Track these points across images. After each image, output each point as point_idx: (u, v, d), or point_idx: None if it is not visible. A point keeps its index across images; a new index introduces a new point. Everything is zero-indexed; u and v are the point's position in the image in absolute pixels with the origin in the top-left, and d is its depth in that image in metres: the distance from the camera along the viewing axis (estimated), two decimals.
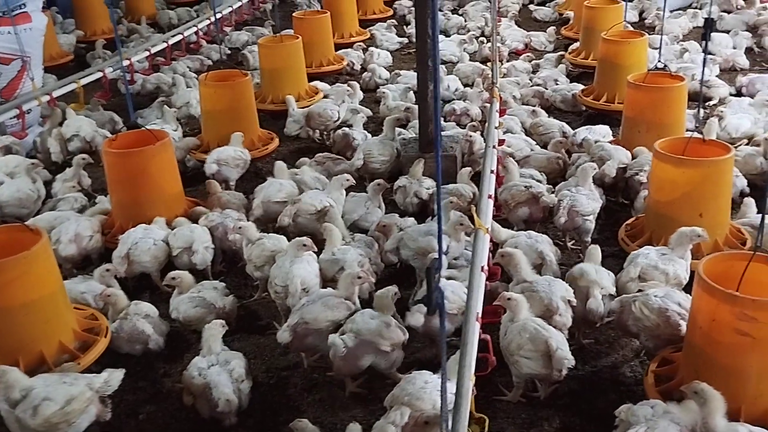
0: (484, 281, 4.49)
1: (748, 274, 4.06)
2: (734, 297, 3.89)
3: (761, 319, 3.81)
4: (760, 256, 4.10)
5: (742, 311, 3.83)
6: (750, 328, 3.83)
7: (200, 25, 12.10)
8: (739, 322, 3.85)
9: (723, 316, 3.92)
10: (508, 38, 11.94)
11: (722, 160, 5.45)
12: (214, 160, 7.15)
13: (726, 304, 3.89)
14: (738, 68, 10.30)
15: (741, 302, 3.85)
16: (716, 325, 3.97)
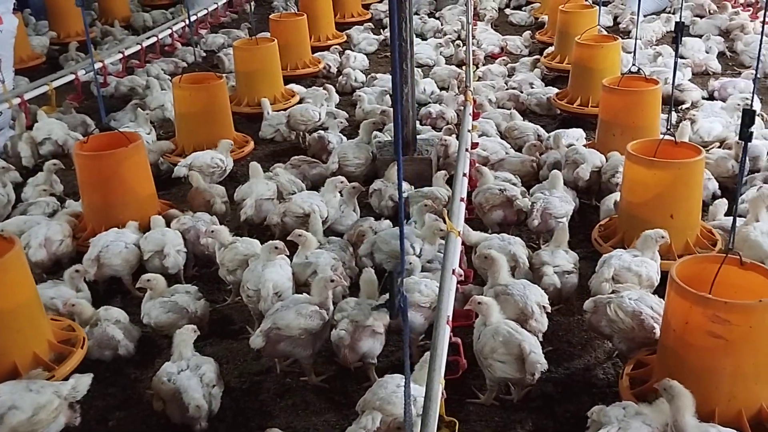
0: (455, 284, 4.48)
1: (720, 277, 4.09)
2: (707, 299, 3.91)
3: (734, 322, 3.84)
4: (732, 258, 4.13)
5: (715, 314, 3.85)
6: (723, 330, 3.85)
7: (175, 27, 12.01)
8: (712, 324, 3.87)
9: (696, 319, 3.94)
10: (484, 42, 11.99)
11: (693, 162, 5.49)
12: (185, 164, 7.10)
13: (699, 307, 3.91)
14: (710, 72, 10.42)
15: (714, 305, 3.87)
16: (689, 328, 3.99)
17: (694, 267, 4.20)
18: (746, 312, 3.86)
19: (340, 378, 4.85)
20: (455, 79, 10.07)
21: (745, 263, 4.09)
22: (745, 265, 4.10)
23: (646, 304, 4.55)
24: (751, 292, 4.04)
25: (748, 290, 4.07)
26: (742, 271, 4.11)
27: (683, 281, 3.99)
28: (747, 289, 4.08)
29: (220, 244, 5.60)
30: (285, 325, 4.52)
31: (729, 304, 3.86)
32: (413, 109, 7.37)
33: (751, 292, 4.03)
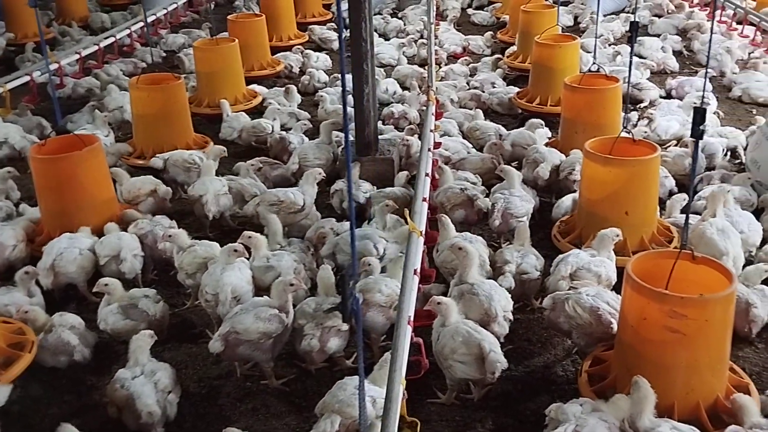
0: (416, 284, 4.47)
1: (676, 272, 4.15)
2: (664, 295, 3.95)
3: (691, 316, 3.89)
4: (686, 253, 4.18)
5: (672, 309, 3.90)
6: (679, 325, 3.90)
7: (134, 27, 11.83)
8: (668, 319, 3.92)
9: (653, 314, 3.98)
10: (446, 42, 12.02)
11: (648, 160, 5.56)
12: (162, 157, 7.13)
13: (656, 303, 3.96)
14: (668, 71, 10.57)
15: (670, 300, 3.92)
16: (646, 323, 4.03)
17: (649, 263, 4.25)
18: (702, 306, 3.91)
19: (300, 380, 4.82)
20: (417, 79, 10.07)
21: (697, 258, 4.15)
22: (697, 260, 4.15)
23: (603, 300, 4.59)
24: (703, 287, 4.09)
25: (701, 285, 4.12)
26: (694, 266, 4.16)
27: (639, 277, 4.03)
28: (700, 283, 4.13)
29: (178, 247, 5.52)
30: (244, 329, 4.47)
31: (685, 299, 3.91)
32: (375, 109, 7.35)
33: (704, 287, 4.09)
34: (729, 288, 3.92)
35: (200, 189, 6.37)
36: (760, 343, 5.00)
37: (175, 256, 5.54)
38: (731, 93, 9.62)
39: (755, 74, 9.83)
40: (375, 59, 10.31)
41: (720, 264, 4.17)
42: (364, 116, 7.24)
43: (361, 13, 6.81)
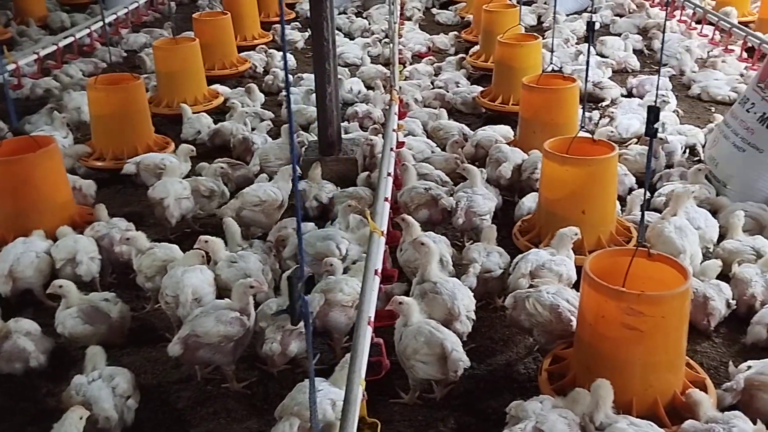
0: (377, 285, 4.45)
1: (633, 269, 4.19)
2: (620, 292, 3.99)
3: (647, 313, 3.93)
4: (642, 251, 4.23)
5: (629, 306, 3.94)
6: (637, 322, 3.94)
7: (94, 26, 11.63)
8: (625, 316, 3.96)
9: (610, 312, 4.02)
10: (410, 41, 12.02)
11: (604, 159, 5.62)
12: (135, 162, 7.02)
13: (613, 300, 3.99)
14: (629, 70, 10.69)
15: (627, 297, 3.96)
16: (604, 321, 4.06)
17: (607, 261, 4.29)
18: (658, 303, 3.96)
19: (262, 383, 4.77)
20: (382, 78, 10.06)
21: (653, 255, 4.19)
22: (653, 257, 4.20)
23: (563, 298, 4.63)
24: (660, 283, 4.15)
25: (658, 281, 4.17)
26: (651, 263, 4.21)
27: (596, 275, 4.07)
28: (657, 280, 4.18)
29: (137, 250, 5.43)
30: (204, 332, 4.42)
31: (642, 296, 3.95)
32: (337, 108, 7.32)
33: (661, 283, 4.14)
34: (684, 285, 3.97)
35: (161, 192, 6.27)
36: (717, 338, 5.08)
37: (134, 259, 5.45)
38: (690, 91, 9.76)
39: (714, 73, 9.99)
40: (338, 59, 10.33)
41: (676, 261, 4.22)
42: (326, 116, 7.21)
43: (322, 13, 6.77)
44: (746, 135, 6.67)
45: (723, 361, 4.85)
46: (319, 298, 4.72)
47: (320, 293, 4.76)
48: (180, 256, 5.42)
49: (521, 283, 4.99)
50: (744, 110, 6.82)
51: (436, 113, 8.68)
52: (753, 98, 6.78)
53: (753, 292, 5.07)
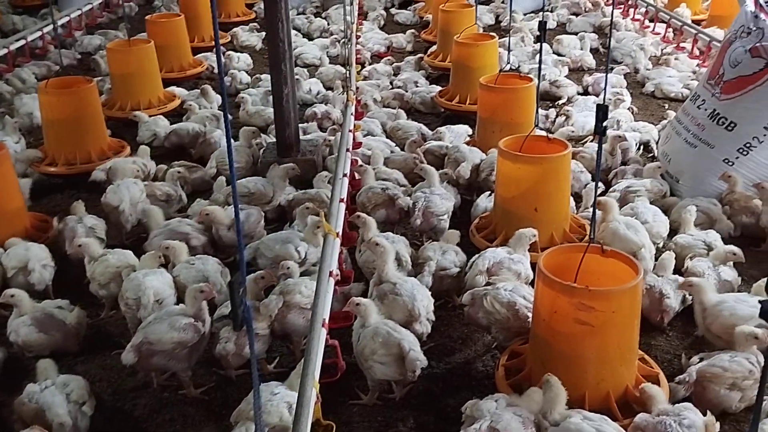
0: (332, 287, 4.44)
1: (587, 266, 4.24)
2: (572, 288, 4.04)
3: (598, 308, 3.98)
4: (595, 247, 4.29)
5: (580, 301, 3.99)
6: (588, 317, 4.00)
7: (46, 29, 11.41)
8: (578, 311, 4.01)
9: (563, 307, 4.07)
10: (369, 41, 12.02)
11: (557, 157, 5.68)
12: (103, 169, 6.90)
13: (565, 296, 4.04)
14: (585, 68, 10.82)
15: (579, 293, 4.01)
16: (557, 316, 4.11)
17: (560, 257, 4.34)
18: (609, 298, 4.01)
19: (220, 389, 4.73)
20: (341, 79, 10.05)
21: (606, 251, 4.25)
22: (606, 253, 4.26)
23: (520, 294, 4.68)
24: (614, 279, 4.21)
25: (612, 277, 4.23)
26: (604, 259, 4.27)
27: (550, 272, 4.11)
28: (610, 275, 4.25)
29: (89, 257, 5.34)
30: (157, 339, 4.36)
31: (593, 291, 4.00)
32: (295, 110, 7.29)
33: (614, 279, 4.20)
34: (635, 280, 4.03)
35: (114, 199, 6.17)
36: (671, 331, 5.17)
37: (87, 266, 5.36)
38: (644, 88, 9.93)
39: (667, 70, 10.17)
40: (297, 59, 10.28)
41: (627, 257, 4.28)
42: (284, 117, 7.18)
43: (277, 14, 6.73)
44: (697, 131, 6.81)
45: (676, 353, 4.94)
46: (277, 300, 4.69)
47: (278, 295, 4.73)
48: (135, 262, 5.35)
49: (478, 280, 5.02)
50: (695, 107, 6.96)
51: (394, 113, 8.70)
52: (703, 95, 6.92)
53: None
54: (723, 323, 4.62)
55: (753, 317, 4.46)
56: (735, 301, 4.70)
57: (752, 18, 6.59)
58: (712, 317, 4.69)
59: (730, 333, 4.45)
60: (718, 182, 6.52)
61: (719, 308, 4.68)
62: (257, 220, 6.11)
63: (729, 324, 4.54)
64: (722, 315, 4.65)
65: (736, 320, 4.53)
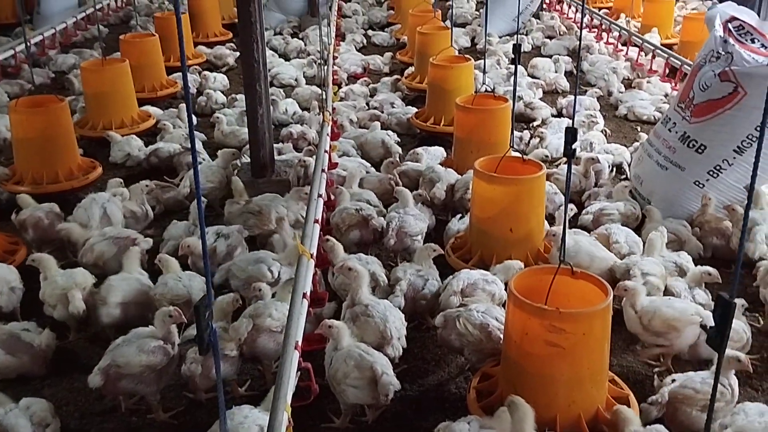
0: (306, 309, 4.41)
1: (559, 287, 4.25)
2: (542, 310, 4.04)
3: (569, 330, 3.99)
4: (564, 269, 4.30)
5: (551, 323, 3.99)
6: (559, 338, 3.99)
7: (19, 47, 11.30)
8: (548, 333, 4.01)
9: (533, 329, 4.06)
10: (346, 62, 12.07)
11: (531, 178, 5.71)
12: None
13: (536, 317, 4.04)
14: (559, 90, 10.95)
15: (549, 315, 4.01)
16: (528, 338, 4.11)
17: (531, 279, 4.34)
18: (579, 320, 4.02)
19: (190, 412, 4.66)
20: (317, 99, 10.06)
21: (576, 273, 4.27)
22: (576, 275, 4.27)
23: (492, 316, 4.67)
24: (584, 301, 4.22)
25: (582, 299, 4.25)
26: (573, 280, 4.28)
27: (521, 293, 4.11)
28: (580, 297, 4.26)
29: (43, 275, 5.27)
30: (125, 362, 4.29)
31: (564, 313, 4.00)
32: (269, 130, 7.27)
33: (584, 300, 4.22)
34: (604, 301, 4.05)
35: (82, 216, 6.10)
36: None
37: (42, 284, 5.28)
38: (617, 111, 10.06)
39: (639, 93, 10.32)
40: (271, 80, 10.28)
41: (597, 278, 4.29)
42: (258, 138, 7.17)
43: (251, 35, 6.74)
44: (669, 153, 6.89)
45: (648, 374, 4.96)
46: (247, 323, 4.64)
47: (248, 318, 4.68)
48: (84, 281, 5.28)
49: (452, 301, 5.01)
50: (666, 129, 7.05)
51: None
52: (674, 118, 7.02)
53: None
54: (663, 317, 4.77)
55: (689, 309, 4.82)
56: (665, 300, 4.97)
57: (721, 43, 6.71)
58: (650, 314, 4.82)
59: (672, 325, 4.72)
60: (689, 204, 6.60)
61: (656, 305, 4.85)
62: (238, 240, 5.97)
63: (669, 316, 4.76)
64: (661, 309, 4.80)
65: (675, 312, 4.77)
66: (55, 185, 7.21)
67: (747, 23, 6.90)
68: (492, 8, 13.49)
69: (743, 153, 6.42)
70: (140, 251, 5.58)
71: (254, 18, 6.69)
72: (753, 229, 6.04)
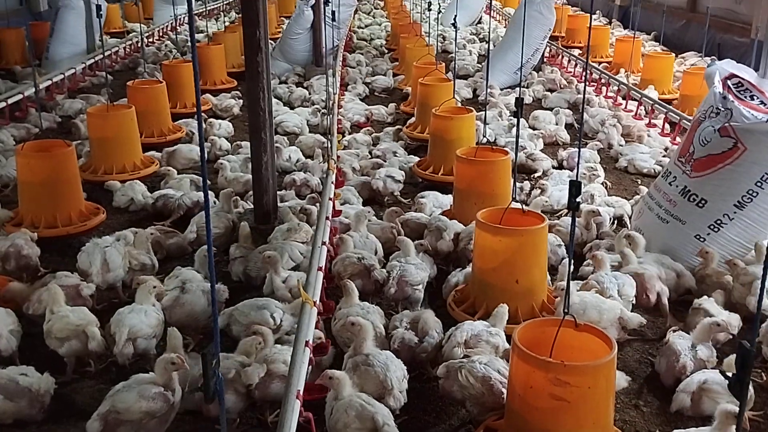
0: (308, 357, 4.38)
1: (564, 340, 4.23)
2: (547, 363, 4.01)
3: (574, 383, 3.95)
4: (569, 321, 4.28)
5: (556, 376, 3.96)
6: (563, 392, 3.96)
7: (28, 92, 11.47)
8: (552, 387, 3.97)
9: (538, 382, 4.03)
10: (350, 112, 12.23)
11: (534, 230, 5.74)
12: None
13: (540, 370, 4.01)
14: (560, 142, 11.07)
15: (554, 368, 3.98)
16: (532, 391, 4.07)
17: (535, 331, 4.33)
18: (584, 373, 3.99)
19: None
20: (320, 147, 10.17)
21: (580, 326, 4.26)
22: (580, 328, 4.26)
23: (495, 368, 4.63)
24: (588, 353, 4.20)
25: (586, 351, 4.22)
26: (577, 333, 4.27)
27: (526, 345, 4.09)
28: (584, 350, 4.23)
29: (50, 308, 5.26)
30: (125, 408, 4.24)
31: (568, 366, 3.98)
32: (273, 177, 7.34)
33: (589, 353, 4.19)
34: (609, 355, 4.03)
35: (85, 263, 6.11)
36: (645, 407, 5.14)
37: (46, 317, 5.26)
38: (618, 164, 10.15)
39: (639, 146, 10.43)
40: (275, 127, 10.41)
41: (601, 331, 4.28)
42: (262, 185, 7.22)
43: (259, 84, 6.85)
44: (669, 207, 6.93)
45: (650, 430, 4.90)
46: (261, 369, 4.61)
47: (262, 364, 4.65)
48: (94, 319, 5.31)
49: (456, 352, 4.98)
50: (667, 183, 7.11)
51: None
52: (675, 172, 7.08)
53: (683, 363, 5.16)
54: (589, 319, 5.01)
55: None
56: None
57: (720, 99, 6.82)
58: None
59: None
60: (690, 258, 6.62)
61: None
62: None
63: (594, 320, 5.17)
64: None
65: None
66: (53, 230, 7.18)
67: (746, 80, 7.02)
68: (494, 61, 13.83)
69: (744, 208, 6.48)
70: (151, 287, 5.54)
71: (261, 68, 6.81)
72: (753, 282, 6.04)
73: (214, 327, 2.26)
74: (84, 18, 15.21)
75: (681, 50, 16.68)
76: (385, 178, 8.63)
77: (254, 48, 6.74)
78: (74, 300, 5.69)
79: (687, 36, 17.76)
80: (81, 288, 5.84)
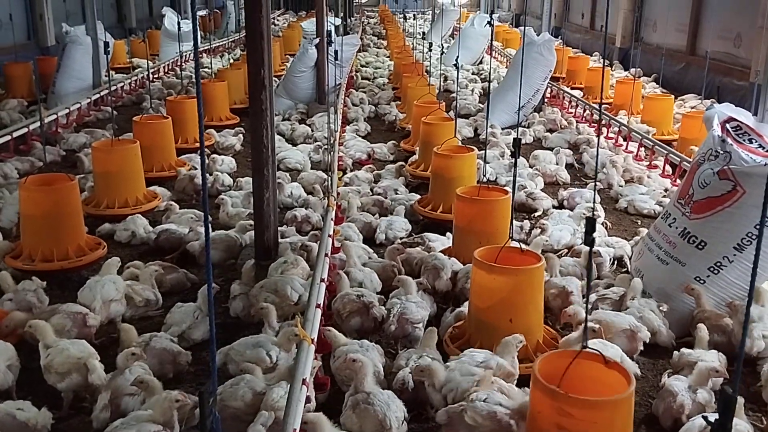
0: (305, 395, 4.36)
1: (587, 373, 4.21)
2: (554, 392, 3.94)
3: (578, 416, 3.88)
4: (586, 353, 4.25)
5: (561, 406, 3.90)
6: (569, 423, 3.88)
7: (32, 125, 11.58)
8: (559, 417, 3.91)
9: (546, 410, 3.98)
10: (351, 149, 12.33)
11: (530, 269, 5.75)
12: None
13: (547, 398, 3.97)
14: (560, 182, 11.12)
15: (559, 398, 3.92)
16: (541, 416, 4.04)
17: (556, 363, 4.25)
18: (589, 407, 3.93)
19: None
20: (322, 184, 10.23)
21: (608, 362, 4.20)
22: (609, 364, 4.21)
23: (495, 402, 4.60)
24: (611, 390, 4.13)
25: (610, 387, 4.16)
26: (607, 369, 4.20)
27: (545, 378, 4.05)
28: (609, 386, 4.17)
29: (42, 343, 5.23)
30: None
31: (572, 398, 3.94)
32: (275, 213, 7.36)
33: (611, 390, 4.12)
34: (620, 395, 3.98)
35: (87, 297, 6.12)
36: None
37: (41, 352, 5.22)
38: (618, 204, 10.18)
39: (639, 187, 10.48)
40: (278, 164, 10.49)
41: (624, 369, 4.19)
42: (263, 221, 7.24)
43: (262, 121, 6.92)
44: (669, 248, 6.94)
45: None
46: (268, 416, 4.55)
47: (269, 412, 4.60)
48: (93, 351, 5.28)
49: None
50: (666, 225, 7.12)
51: (372, 220, 8.82)
52: (674, 213, 7.10)
53: (681, 402, 5.12)
54: None
55: None
56: None
57: (719, 142, 6.87)
58: None
59: None
60: (690, 299, 6.60)
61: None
62: None
63: None
64: None
65: None
66: (47, 264, 7.16)
67: (744, 124, 7.08)
68: (495, 101, 13.98)
69: (743, 250, 6.48)
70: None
71: (265, 106, 6.88)
72: (751, 325, 6.02)
73: (211, 366, 2.26)
74: (90, 54, 15.44)
75: (681, 92, 16.85)
76: (386, 230, 8.59)
77: (258, 86, 6.83)
78: (80, 329, 5.67)
79: (687, 78, 17.94)
80: (88, 317, 5.83)
